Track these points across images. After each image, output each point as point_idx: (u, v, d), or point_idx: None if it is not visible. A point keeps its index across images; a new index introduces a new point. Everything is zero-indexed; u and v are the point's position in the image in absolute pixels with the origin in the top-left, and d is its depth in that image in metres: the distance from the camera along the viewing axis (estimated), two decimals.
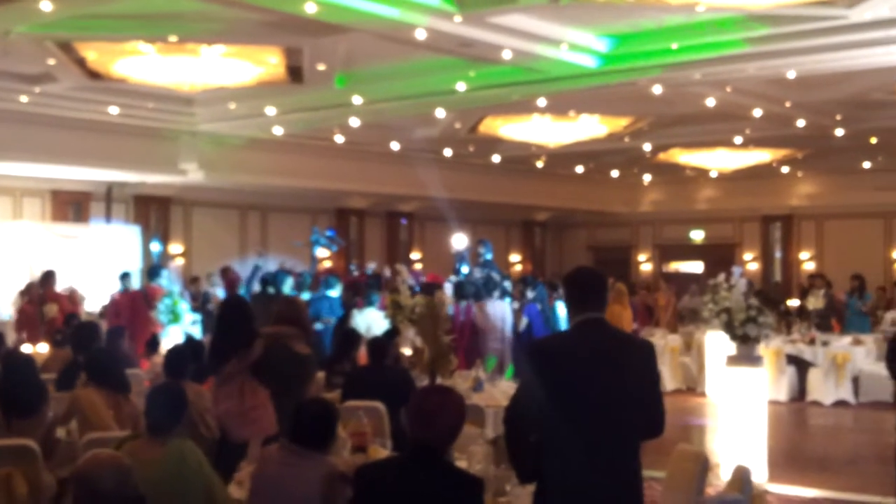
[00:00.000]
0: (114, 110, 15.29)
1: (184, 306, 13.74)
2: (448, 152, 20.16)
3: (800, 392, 15.95)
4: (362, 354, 9.79)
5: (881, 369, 15.77)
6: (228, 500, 5.28)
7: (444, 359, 8.98)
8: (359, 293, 14.49)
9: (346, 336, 10.27)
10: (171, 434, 5.32)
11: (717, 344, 14.99)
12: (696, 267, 27.32)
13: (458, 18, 10.80)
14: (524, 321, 13.89)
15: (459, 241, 17.50)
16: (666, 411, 4.47)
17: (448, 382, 9.76)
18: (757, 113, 15.57)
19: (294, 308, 8.04)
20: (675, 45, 12.10)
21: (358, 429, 6.51)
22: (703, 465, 5.83)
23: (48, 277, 14.93)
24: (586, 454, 4.22)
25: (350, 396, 8.11)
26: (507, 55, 12.07)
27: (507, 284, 14.75)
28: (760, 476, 9.73)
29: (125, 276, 14.61)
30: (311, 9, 10.11)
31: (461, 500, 4.17)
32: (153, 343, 12.01)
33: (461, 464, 5.60)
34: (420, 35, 11.17)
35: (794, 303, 21.19)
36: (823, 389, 15.61)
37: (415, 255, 24.14)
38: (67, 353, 10.01)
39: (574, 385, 4.26)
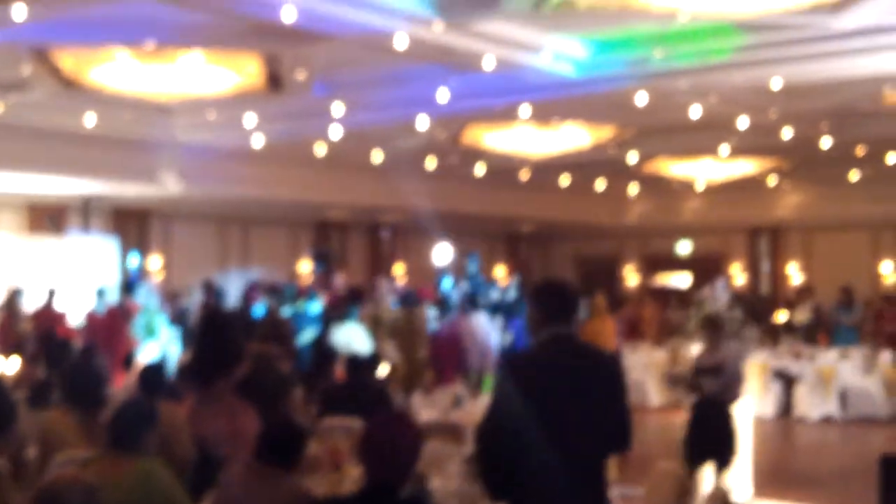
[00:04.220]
0: (90, 120, 15.05)
1: (160, 322, 13.55)
2: (431, 164, 19.98)
3: (786, 407, 15.82)
4: (340, 371, 9.70)
5: (868, 384, 15.68)
6: None
7: (419, 374, 8.88)
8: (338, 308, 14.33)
9: (324, 353, 10.27)
10: (136, 452, 5.14)
11: None
12: (683, 280, 27.20)
13: (439, 26, 10.64)
14: (508, 336, 13.76)
15: (443, 254, 17.34)
16: (633, 425, 4.45)
17: (428, 398, 9.65)
18: (742, 122, 15.45)
19: (282, 328, 7.95)
20: (658, 54, 11.98)
21: (333, 447, 6.41)
22: (681, 483, 5.87)
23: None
24: (555, 469, 4.19)
25: (327, 413, 8.03)
26: (489, 63, 11.90)
27: (495, 294, 14.58)
28: (745, 492, 9.61)
29: (101, 293, 14.40)
30: (289, 16, 9.94)
31: None
32: (129, 360, 11.84)
33: (436, 482, 5.44)
34: (400, 43, 11.00)
35: (782, 316, 21.08)
36: (810, 404, 15.49)
37: (398, 268, 23.93)
38: (40, 370, 9.86)
39: (541, 401, 4.22)
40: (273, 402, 6.81)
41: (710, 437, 8.49)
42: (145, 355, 12.15)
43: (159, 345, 13.18)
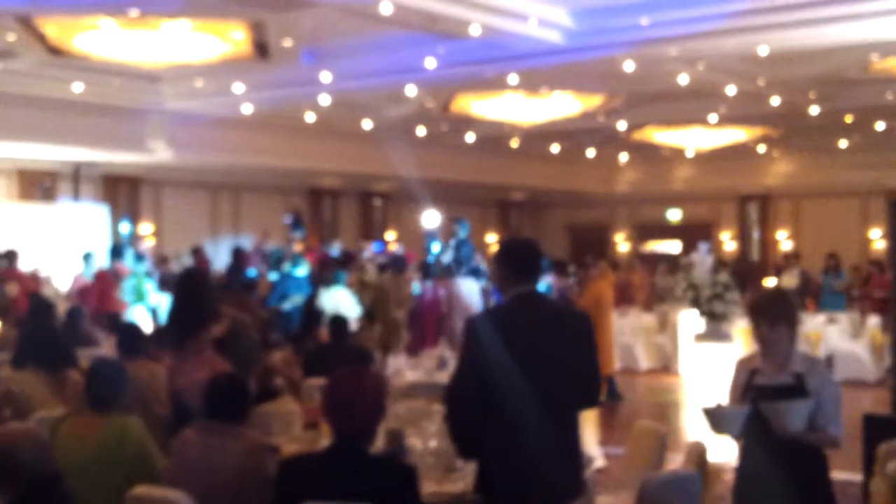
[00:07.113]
0: (78, 87, 15.03)
1: (149, 286, 13.58)
2: (422, 131, 19.98)
3: None
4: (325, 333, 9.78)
5: (855, 347, 15.78)
6: None
7: (395, 335, 8.93)
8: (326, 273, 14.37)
9: (309, 315, 10.36)
10: (112, 409, 5.19)
11: (690, 323, 14.95)
12: (673, 247, 27.27)
13: None
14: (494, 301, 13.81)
15: (430, 219, 17.36)
16: (602, 381, 4.49)
17: (413, 360, 9.73)
18: (730, 90, 15.45)
19: (246, 297, 8.00)
20: (645, 21, 11.97)
21: (311, 405, 6.47)
22: (661, 442, 5.85)
23: (10, 257, 14.72)
24: (526, 426, 4.20)
25: (311, 374, 8.10)
26: (475, 30, 11.89)
27: (480, 265, 14.60)
28: (729, 453, 9.66)
29: (88, 258, 14.42)
30: None
31: (392, 492, 3.98)
32: (114, 322, 11.85)
33: (414, 441, 5.50)
34: (385, 9, 10.98)
35: (770, 282, 21.16)
36: None
37: (390, 234, 23.98)
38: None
39: (512, 358, 4.21)
40: (246, 366, 6.88)
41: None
42: (133, 319, 12.17)
43: (148, 308, 13.22)
